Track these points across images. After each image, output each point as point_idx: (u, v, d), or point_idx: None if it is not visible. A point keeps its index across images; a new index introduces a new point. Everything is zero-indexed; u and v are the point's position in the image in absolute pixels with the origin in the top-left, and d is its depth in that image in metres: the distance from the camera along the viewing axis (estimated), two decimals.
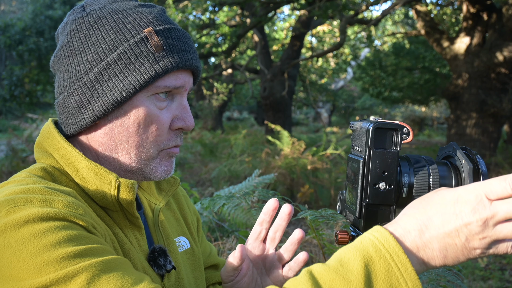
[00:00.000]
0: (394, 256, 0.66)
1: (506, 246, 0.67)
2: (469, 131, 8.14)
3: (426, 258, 0.68)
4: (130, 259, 0.89)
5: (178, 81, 0.92)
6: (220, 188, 6.48)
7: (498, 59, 7.75)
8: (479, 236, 0.66)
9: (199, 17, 10.67)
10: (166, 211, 1.12)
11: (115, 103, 0.88)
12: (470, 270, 4.58)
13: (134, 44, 0.88)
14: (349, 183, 0.89)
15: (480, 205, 0.66)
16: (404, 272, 0.65)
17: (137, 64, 0.88)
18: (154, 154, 0.94)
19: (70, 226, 0.74)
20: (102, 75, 0.88)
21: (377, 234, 0.68)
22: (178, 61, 0.90)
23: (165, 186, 1.13)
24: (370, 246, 0.67)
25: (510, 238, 0.66)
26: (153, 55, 0.88)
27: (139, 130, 0.90)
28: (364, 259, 0.66)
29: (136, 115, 0.90)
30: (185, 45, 0.93)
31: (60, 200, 0.78)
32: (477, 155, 0.84)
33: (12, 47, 14.65)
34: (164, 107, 0.92)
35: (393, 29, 21.68)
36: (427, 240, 0.68)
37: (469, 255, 0.67)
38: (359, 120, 0.89)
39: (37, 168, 0.91)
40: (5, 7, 32.19)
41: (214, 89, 16.56)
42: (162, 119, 0.92)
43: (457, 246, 0.67)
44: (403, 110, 27.29)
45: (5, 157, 8.45)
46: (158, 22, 0.91)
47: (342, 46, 11.18)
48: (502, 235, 0.66)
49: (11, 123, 15.90)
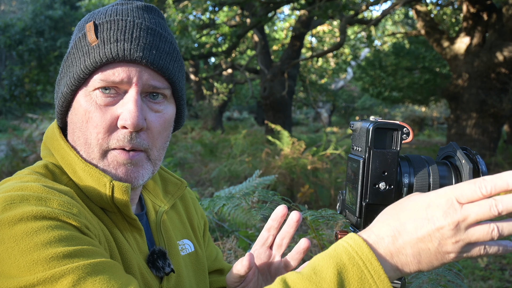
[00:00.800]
0: (367, 263, 0.65)
1: (478, 249, 0.66)
2: (469, 131, 8.14)
3: (400, 264, 0.67)
4: (127, 260, 0.89)
5: (117, 75, 0.86)
6: (220, 188, 6.48)
7: (498, 59, 7.75)
8: (451, 240, 0.65)
9: (199, 17, 10.66)
10: (172, 214, 1.11)
11: (63, 100, 0.92)
12: (470, 270, 4.58)
13: (78, 40, 0.91)
14: (349, 183, 0.89)
15: (451, 209, 0.65)
16: (377, 279, 0.65)
17: (76, 59, 0.90)
18: (100, 154, 0.89)
19: (62, 226, 0.74)
20: (61, 74, 0.94)
21: (351, 242, 0.68)
22: (109, 52, 0.85)
23: (172, 188, 1.12)
24: (343, 254, 0.67)
25: (482, 240, 0.65)
26: (87, 48, 0.87)
27: (83, 125, 0.89)
28: (337, 266, 0.66)
29: (79, 110, 0.90)
30: (127, 36, 0.86)
31: (55, 199, 0.78)
32: (477, 155, 0.84)
33: (12, 47, 14.64)
34: (110, 103, 0.88)
35: (393, 29, 21.68)
36: (401, 246, 0.67)
37: (443, 260, 0.67)
38: (359, 120, 0.89)
39: (40, 166, 0.92)
40: (5, 7, 32.18)
41: (214, 89, 16.56)
42: (98, 116, 0.87)
43: (431, 250, 0.66)
44: (403, 110, 27.29)
45: (5, 157, 8.44)
46: (107, 16, 0.89)
47: (342, 46, 11.18)
48: (474, 238, 0.65)
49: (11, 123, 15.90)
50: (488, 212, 0.64)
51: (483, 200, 0.64)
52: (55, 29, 14.88)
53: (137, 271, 0.90)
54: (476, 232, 0.65)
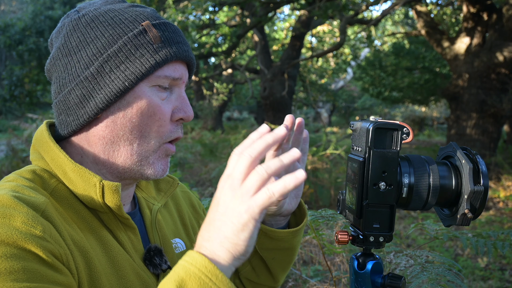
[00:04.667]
0: (202, 268, 0.68)
1: (264, 192, 0.67)
2: (469, 131, 8.14)
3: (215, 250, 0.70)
4: (116, 263, 0.89)
5: (177, 72, 0.94)
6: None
7: (498, 59, 7.75)
8: (234, 200, 0.69)
9: (199, 17, 10.66)
10: (164, 212, 1.12)
11: (118, 94, 0.89)
12: (470, 270, 4.58)
13: (133, 36, 0.90)
14: (349, 183, 0.89)
15: (222, 182, 0.72)
16: (216, 280, 0.67)
17: (137, 55, 0.90)
18: (156, 146, 0.94)
19: (17, 255, 0.72)
20: (103, 68, 0.90)
21: (186, 258, 0.71)
22: (176, 51, 0.93)
23: (164, 186, 1.14)
24: (180, 270, 0.69)
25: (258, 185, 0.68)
26: (152, 46, 0.90)
27: (143, 120, 0.91)
28: (176, 283, 0.68)
29: (139, 105, 0.91)
30: (181, 38, 0.96)
31: (20, 215, 0.76)
32: (477, 155, 0.84)
33: (12, 47, 14.65)
34: (164, 98, 0.94)
35: (393, 29, 21.68)
36: (211, 236, 0.71)
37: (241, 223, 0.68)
38: (359, 120, 0.89)
39: (27, 171, 0.91)
40: (5, 7, 32.18)
41: (214, 89, 16.56)
42: (164, 109, 0.93)
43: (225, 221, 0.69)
44: (403, 110, 27.29)
45: (5, 157, 8.45)
46: (153, 17, 0.95)
47: (342, 46, 11.18)
48: (249, 187, 0.68)
49: (11, 123, 15.90)
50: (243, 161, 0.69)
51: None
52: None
53: (129, 272, 0.90)
54: (247, 180, 0.68)
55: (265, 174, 0.68)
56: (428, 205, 0.86)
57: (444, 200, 0.86)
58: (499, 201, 7.34)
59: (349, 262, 0.93)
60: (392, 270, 1.79)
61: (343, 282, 2.47)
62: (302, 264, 4.01)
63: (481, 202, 0.82)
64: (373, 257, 0.89)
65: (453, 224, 0.87)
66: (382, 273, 0.88)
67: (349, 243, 0.89)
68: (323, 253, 2.13)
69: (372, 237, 0.85)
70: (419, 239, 5.55)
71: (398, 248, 1.97)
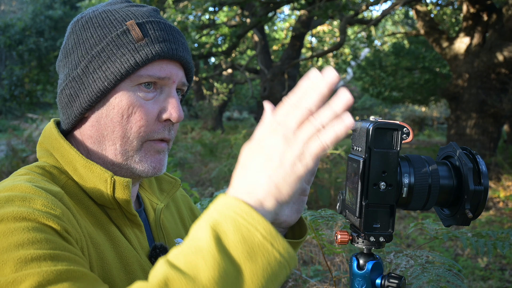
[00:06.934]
0: (238, 210, 0.64)
1: (317, 142, 0.65)
2: (469, 131, 8.14)
3: (262, 196, 0.66)
4: (125, 258, 0.90)
5: (163, 72, 0.93)
6: (220, 188, 6.48)
7: (498, 59, 7.75)
8: (287, 149, 0.66)
9: (199, 17, 10.66)
10: (166, 212, 1.13)
11: (99, 94, 0.91)
12: (470, 270, 4.58)
13: (116, 36, 0.91)
14: (349, 183, 0.89)
15: (272, 128, 0.68)
16: (252, 220, 0.64)
17: (118, 54, 0.90)
18: (138, 145, 0.94)
19: (39, 228, 0.74)
20: (88, 68, 0.91)
21: (217, 202, 0.68)
22: (159, 50, 0.91)
23: (167, 187, 1.15)
24: (213, 212, 0.66)
25: (312, 135, 0.66)
26: (133, 45, 0.91)
27: (123, 119, 0.92)
28: (210, 224, 0.64)
29: (120, 104, 0.92)
30: (170, 36, 0.94)
31: (40, 199, 0.78)
32: (477, 155, 0.84)
33: (12, 47, 14.64)
34: (150, 98, 0.93)
35: (393, 29, 21.68)
36: (253, 181, 0.67)
37: (295, 171, 0.66)
38: (359, 120, 0.89)
39: (37, 166, 0.93)
40: (5, 7, 32.19)
41: (214, 89, 16.56)
42: (145, 109, 0.92)
43: (277, 169, 0.66)
44: (403, 110, 27.28)
45: (5, 157, 8.45)
46: (142, 16, 0.94)
47: (342, 46, 11.18)
48: (304, 137, 0.66)
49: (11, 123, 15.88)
50: (300, 113, 0.66)
51: (294, 108, 0.67)
52: (55, 29, 14.88)
53: (136, 267, 0.91)
54: (303, 131, 0.66)
55: (320, 126, 0.65)
56: (428, 205, 0.86)
57: (444, 200, 0.86)
58: (499, 201, 7.34)
59: (349, 262, 0.93)
60: (392, 270, 1.79)
61: (343, 282, 2.47)
62: (302, 264, 4.02)
63: (481, 202, 0.82)
64: (373, 257, 0.88)
65: (453, 224, 0.87)
66: (382, 273, 0.88)
67: (349, 243, 0.89)
68: (323, 253, 2.13)
69: (372, 237, 0.85)
70: (419, 239, 5.55)
71: (398, 248, 1.97)
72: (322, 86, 0.66)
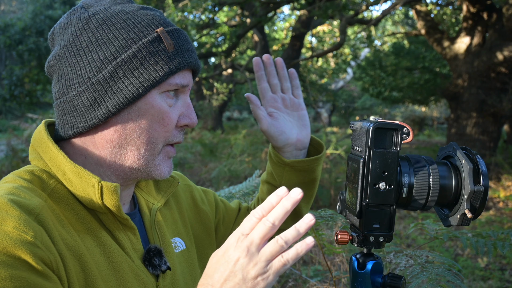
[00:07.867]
0: None
1: (279, 260, 0.72)
2: (469, 131, 8.14)
3: None
4: (115, 264, 0.89)
5: (185, 80, 0.96)
6: (220, 188, 6.48)
7: (498, 59, 7.75)
8: (250, 265, 0.72)
9: (198, 17, 10.66)
10: (165, 211, 1.12)
11: (131, 100, 0.90)
12: (470, 270, 4.58)
13: (148, 42, 0.91)
14: (349, 183, 0.89)
15: (238, 241, 0.73)
16: None
17: (151, 62, 0.90)
18: (159, 150, 0.97)
19: (5, 263, 0.71)
20: (116, 72, 0.89)
21: None
22: (188, 60, 0.95)
23: (164, 185, 1.14)
24: None
25: (276, 253, 0.72)
26: (166, 53, 0.92)
27: (152, 126, 0.93)
28: None
29: (150, 111, 0.92)
30: (191, 46, 0.98)
31: (13, 219, 0.75)
32: (477, 155, 0.84)
33: (12, 47, 14.64)
34: (172, 105, 0.96)
35: (393, 29, 21.67)
36: None
37: (255, 286, 0.72)
38: (359, 120, 0.89)
39: (26, 171, 0.91)
40: (5, 7, 32.18)
41: (214, 89, 16.56)
42: (171, 116, 0.95)
43: (240, 284, 0.72)
44: (403, 110, 27.27)
45: (5, 157, 8.45)
46: (165, 23, 0.96)
47: (342, 46, 11.18)
48: (268, 254, 0.72)
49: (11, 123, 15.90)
50: (264, 228, 0.72)
51: (259, 222, 0.73)
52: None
53: (128, 273, 0.90)
54: (267, 248, 0.72)
55: (284, 245, 0.72)
56: (428, 205, 0.86)
57: (444, 200, 0.86)
58: (499, 201, 7.34)
59: (349, 262, 0.93)
60: (392, 270, 1.79)
61: (343, 282, 2.47)
62: (302, 264, 4.02)
63: (481, 202, 0.82)
64: (373, 257, 0.89)
65: (453, 224, 0.87)
66: (382, 273, 0.88)
67: (349, 243, 0.89)
68: (323, 253, 2.13)
69: (372, 237, 0.85)
70: (419, 239, 5.55)
71: (398, 248, 1.97)
72: (287, 203, 0.72)
